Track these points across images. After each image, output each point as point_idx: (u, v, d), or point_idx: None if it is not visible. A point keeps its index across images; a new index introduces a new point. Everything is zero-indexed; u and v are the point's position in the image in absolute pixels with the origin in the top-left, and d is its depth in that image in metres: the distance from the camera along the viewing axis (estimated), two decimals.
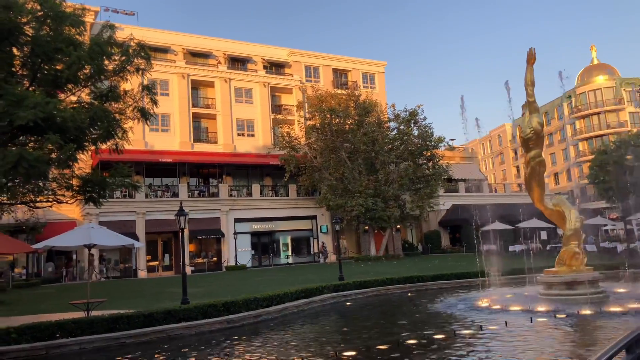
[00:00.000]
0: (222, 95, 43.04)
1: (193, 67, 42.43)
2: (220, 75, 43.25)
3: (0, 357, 10.36)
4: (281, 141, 41.06)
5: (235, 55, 46.10)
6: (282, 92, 47.09)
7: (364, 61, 52.01)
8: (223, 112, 42.78)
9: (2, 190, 20.14)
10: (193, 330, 12.52)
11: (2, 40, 18.53)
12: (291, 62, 48.00)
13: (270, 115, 44.81)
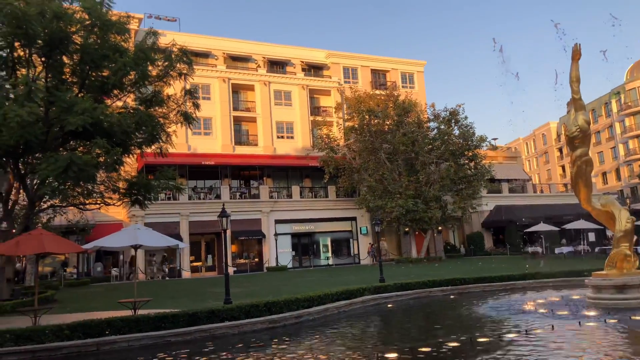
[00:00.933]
0: (262, 98, 43.55)
1: (233, 71, 43.12)
2: (260, 78, 43.78)
3: (55, 353, 10.80)
4: (320, 143, 41.22)
5: (274, 59, 46.58)
6: (321, 94, 47.26)
7: (403, 61, 51.60)
8: (263, 115, 43.28)
9: (54, 193, 21.01)
10: (236, 329, 12.70)
11: (54, 49, 19.35)
12: (329, 63, 48.11)
13: (309, 117, 45.04)
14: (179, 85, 25.20)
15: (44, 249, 13.59)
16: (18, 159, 20.03)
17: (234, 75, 42.99)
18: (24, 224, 20.52)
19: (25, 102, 16.72)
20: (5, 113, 16.17)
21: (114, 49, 20.19)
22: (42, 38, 18.66)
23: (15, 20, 17.26)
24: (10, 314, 15.97)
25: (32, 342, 10.97)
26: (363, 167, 39.41)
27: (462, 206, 39.14)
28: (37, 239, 13.66)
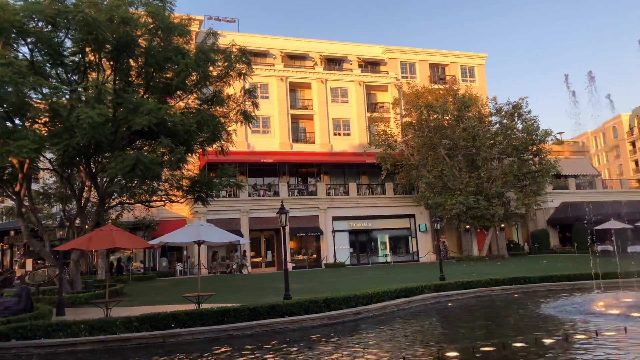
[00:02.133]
0: (319, 95, 43.74)
1: (291, 70, 43.55)
2: (317, 76, 43.98)
3: (125, 343, 11.32)
4: (377, 139, 40.93)
5: (330, 56, 46.66)
6: (378, 90, 46.91)
7: (463, 54, 50.35)
8: (320, 113, 43.47)
9: (122, 190, 22.01)
10: (296, 325, 12.85)
11: (121, 53, 20.23)
12: (386, 59, 47.65)
13: (366, 114, 44.82)
14: (238, 85, 25.74)
15: (114, 244, 14.26)
16: (89, 159, 21.08)
17: (291, 73, 43.41)
18: (95, 220, 21.59)
19: (96, 104, 17.57)
20: (78, 115, 17.06)
21: (176, 51, 20.85)
22: (111, 43, 19.56)
23: (87, 26, 18.16)
24: (84, 306, 16.86)
25: (104, 332, 11.55)
26: (421, 163, 38.81)
27: (526, 203, 37.79)
28: (107, 234, 14.35)
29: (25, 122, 19.62)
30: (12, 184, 21.33)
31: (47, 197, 28.20)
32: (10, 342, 11.12)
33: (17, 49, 19.88)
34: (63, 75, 21.23)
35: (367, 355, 9.54)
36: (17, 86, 17.21)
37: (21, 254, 35.73)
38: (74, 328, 11.51)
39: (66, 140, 17.87)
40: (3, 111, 17.88)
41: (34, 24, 18.97)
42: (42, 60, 20.40)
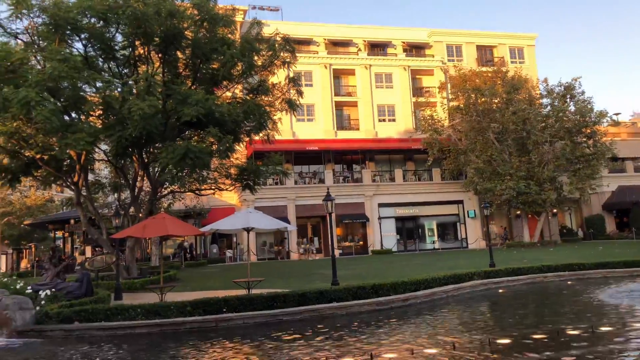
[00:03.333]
0: (363, 82, 43.41)
1: (334, 57, 43.38)
2: (361, 62, 43.64)
3: (179, 327, 11.73)
4: (423, 124, 40.33)
5: (374, 41, 46.15)
6: (423, 74, 46.11)
7: (511, 35, 48.74)
8: (364, 99, 43.17)
9: (173, 180, 22.65)
10: (344, 310, 12.96)
11: (169, 46, 20.70)
12: (431, 42, 46.72)
13: (412, 99, 44.18)
14: (282, 73, 25.86)
15: (167, 231, 14.75)
16: (142, 149, 21.77)
17: (335, 60, 43.23)
18: (149, 208, 22.35)
19: (146, 96, 18.10)
20: (129, 107, 17.63)
21: (222, 41, 21.15)
22: (159, 36, 20.04)
23: (136, 20, 18.68)
24: (140, 291, 17.53)
25: (159, 316, 12.01)
26: (470, 148, 38.00)
27: (580, 187, 36.45)
28: (161, 222, 14.85)
29: (80, 116, 20.42)
30: (70, 175, 22.33)
31: (103, 187, 29.38)
32: (73, 324, 11.74)
33: (71, 44, 20.64)
34: (115, 69, 21.94)
35: (417, 340, 9.53)
36: (73, 81, 17.94)
37: (81, 241, 37.51)
38: (131, 312, 12.02)
39: (119, 132, 18.52)
40: (61, 105, 18.66)
41: (87, 20, 19.63)
42: (95, 55, 21.15)
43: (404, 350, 8.81)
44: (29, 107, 16.42)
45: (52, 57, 17.49)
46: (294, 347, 9.49)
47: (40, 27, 19.37)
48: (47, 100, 17.36)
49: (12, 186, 23.59)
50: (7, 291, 12.71)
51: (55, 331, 11.66)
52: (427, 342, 9.30)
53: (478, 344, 8.99)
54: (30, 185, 36.68)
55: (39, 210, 38.41)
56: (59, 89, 18.18)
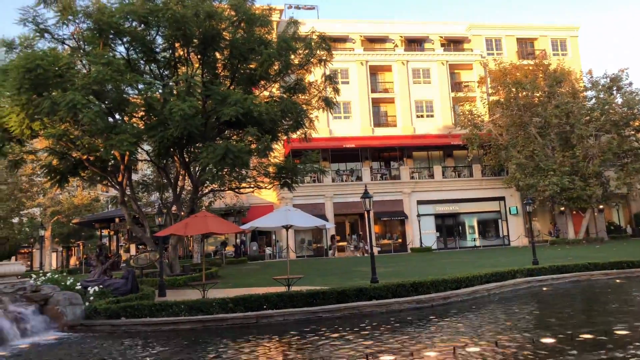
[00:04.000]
0: (400, 78, 43.03)
1: (371, 53, 43.16)
2: (398, 58, 43.27)
3: (221, 323, 11.94)
4: (462, 120, 39.67)
5: (411, 37, 45.66)
6: (462, 68, 45.35)
7: (553, 26, 47.36)
8: (401, 95, 42.80)
9: (213, 179, 23.04)
10: (383, 308, 12.91)
11: (207, 47, 21.06)
12: (470, 36, 45.88)
13: (450, 94, 43.51)
14: (319, 71, 25.93)
15: (208, 229, 15.02)
16: (183, 149, 22.25)
17: (372, 57, 43.00)
18: (190, 207, 22.82)
19: (186, 97, 18.47)
20: (170, 108, 18.04)
21: (259, 41, 21.37)
22: (197, 37, 20.42)
23: (175, 23, 19.09)
24: (183, 287, 17.93)
25: (202, 312, 12.26)
26: (511, 143, 37.16)
27: (628, 182, 35.15)
28: (202, 220, 15.14)
29: (124, 117, 21.03)
30: (115, 175, 23.02)
31: (146, 186, 30.18)
32: (120, 319, 12.12)
33: (114, 48, 21.26)
34: (156, 71, 22.48)
35: (459, 339, 9.41)
36: (117, 83, 18.50)
37: (125, 239, 38.63)
38: (175, 308, 12.31)
39: (161, 133, 18.98)
40: (105, 107, 19.26)
41: (129, 24, 20.17)
42: (136, 58, 21.73)
43: (445, 348, 8.71)
44: (75, 110, 17.02)
45: (97, 61, 18.06)
46: (334, 344, 9.53)
47: (85, 32, 20.03)
48: (92, 102, 17.96)
49: (61, 186, 24.50)
50: (59, 287, 13.23)
51: (103, 326, 12.07)
52: (469, 341, 9.17)
53: (522, 343, 8.80)
54: (77, 185, 37.98)
55: (85, 210, 39.77)
56: (103, 92, 18.76)
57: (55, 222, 38.69)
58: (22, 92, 17.35)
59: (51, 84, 17.83)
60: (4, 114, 19.01)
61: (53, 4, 19.48)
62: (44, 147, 23.32)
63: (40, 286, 12.96)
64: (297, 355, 8.96)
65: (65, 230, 42.44)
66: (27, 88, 17.25)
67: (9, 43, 19.63)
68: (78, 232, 45.31)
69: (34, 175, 34.38)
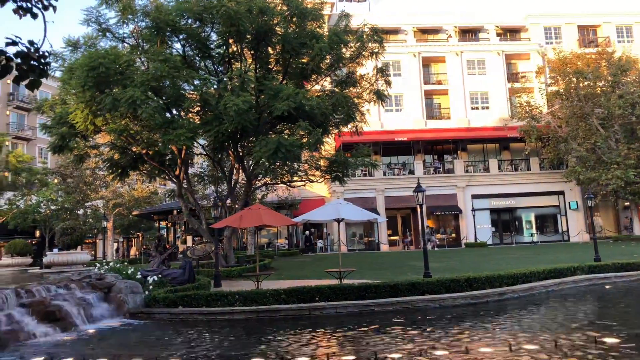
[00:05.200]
0: (454, 69, 42.10)
1: (423, 45, 42.45)
2: (451, 49, 42.35)
3: (274, 314, 12.15)
4: (519, 111, 38.37)
5: (465, 27, 44.55)
6: (519, 58, 43.84)
7: (618, 12, 44.94)
8: (455, 87, 41.88)
9: (266, 172, 23.39)
10: (437, 303, 12.75)
11: (260, 42, 21.32)
12: (527, 25, 44.26)
13: (506, 85, 42.19)
14: (370, 64, 25.75)
15: (262, 221, 15.28)
16: (237, 143, 22.68)
17: (425, 48, 42.28)
18: (244, 200, 23.27)
19: (240, 92, 18.79)
20: (225, 103, 18.41)
21: (310, 35, 21.43)
22: (250, 33, 20.70)
23: (229, 19, 19.42)
24: (237, 278, 18.34)
25: (255, 303, 12.51)
26: (571, 135, 35.67)
27: None
28: (256, 213, 15.42)
29: (180, 112, 21.65)
30: (172, 169, 23.77)
31: (202, 179, 31.00)
32: (177, 308, 12.54)
33: (171, 45, 21.89)
34: (211, 67, 22.99)
35: (514, 335, 9.18)
36: (173, 80, 19.05)
37: (182, 231, 39.89)
38: (230, 298, 12.63)
39: (216, 127, 19.40)
40: (163, 103, 19.89)
41: (185, 22, 20.72)
42: (192, 55, 22.30)
43: (500, 344, 8.52)
44: (135, 106, 17.66)
45: (155, 58, 18.66)
46: (387, 338, 9.50)
47: (143, 31, 20.72)
48: (151, 98, 18.59)
49: (122, 179, 25.54)
50: (120, 276, 13.84)
51: (162, 314, 12.54)
52: (526, 338, 8.92)
53: (583, 342, 8.48)
54: (137, 179, 39.49)
55: (145, 202, 41.29)
56: (161, 88, 19.38)
57: (116, 214, 40.40)
58: (86, 89, 18.16)
59: (112, 81, 18.55)
60: (70, 110, 19.98)
61: (114, 4, 20.26)
62: (106, 142, 24.40)
63: (104, 275, 13.61)
64: (350, 347, 8.99)
65: (126, 221, 44.25)
66: (90, 85, 18.03)
67: (74, 43, 20.60)
68: (138, 224, 47.14)
69: (97, 169, 36.00)
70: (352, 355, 8.23)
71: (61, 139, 21.06)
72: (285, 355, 8.38)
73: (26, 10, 6.14)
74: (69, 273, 15.46)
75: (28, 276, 18.03)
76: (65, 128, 20.60)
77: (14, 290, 11.50)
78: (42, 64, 5.99)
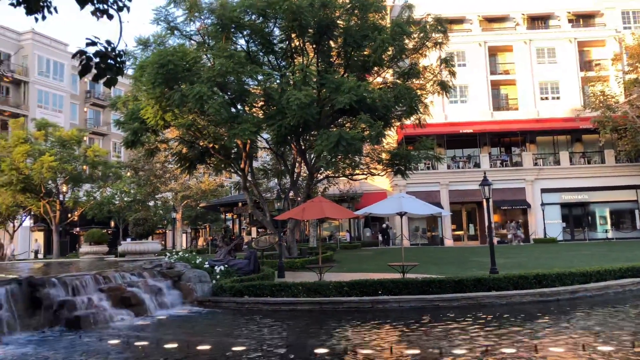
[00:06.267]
0: (522, 58, 40.46)
1: (489, 34, 41.08)
2: (519, 37, 40.71)
3: (337, 306, 12.23)
4: (593, 101, 36.35)
5: (535, 14, 42.63)
6: (592, 45, 41.50)
7: None
8: (523, 77, 40.26)
9: (328, 165, 23.51)
10: (504, 300, 12.37)
11: (322, 36, 21.41)
12: (602, 10, 41.76)
13: (578, 74, 40.09)
14: (434, 55, 25.24)
15: (324, 214, 15.41)
16: (299, 137, 22.94)
17: (491, 37, 40.89)
18: (306, 193, 23.53)
19: (302, 86, 18.98)
20: (287, 97, 18.66)
21: (372, 27, 21.29)
22: (312, 27, 20.81)
23: (292, 14, 19.62)
24: (300, 270, 18.58)
25: (319, 294, 12.64)
26: None
27: None
28: (318, 205, 15.56)
29: (245, 107, 22.13)
30: (237, 162, 24.38)
31: (266, 172, 31.63)
32: (243, 297, 12.89)
33: (235, 41, 22.39)
34: (274, 62, 23.33)
35: (587, 335, 8.76)
36: (238, 75, 19.50)
37: (247, 222, 40.91)
38: (294, 289, 12.82)
39: (279, 121, 19.71)
40: (228, 98, 20.41)
41: (248, 18, 21.12)
42: (256, 50, 22.71)
43: (572, 344, 8.16)
44: (202, 101, 18.23)
45: (220, 54, 19.16)
46: (452, 333, 9.34)
47: (209, 28, 21.32)
48: (216, 94, 19.13)
49: (190, 172, 26.50)
50: (189, 265, 14.38)
51: (228, 303, 12.92)
52: (600, 339, 8.50)
53: None
54: (204, 172, 40.82)
55: (211, 194, 42.68)
56: (226, 84, 19.89)
57: (185, 205, 41.99)
58: (156, 86, 18.93)
59: (180, 78, 19.22)
60: (141, 106, 20.91)
61: (181, 3, 20.96)
62: (175, 137, 25.35)
63: (173, 263, 14.19)
64: (414, 341, 8.91)
65: (194, 213, 45.91)
66: (160, 82, 18.77)
67: (145, 41, 21.50)
68: (204, 215, 48.78)
69: (166, 163, 37.51)
70: (417, 349, 8.15)
71: (133, 134, 22.07)
72: (349, 346, 8.42)
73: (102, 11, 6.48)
74: (142, 261, 16.27)
75: (104, 263, 19.09)
76: (137, 123, 21.57)
77: (93, 276, 12.22)
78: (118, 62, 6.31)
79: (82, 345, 8.97)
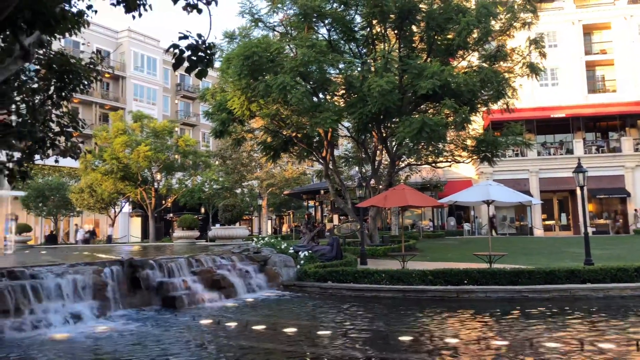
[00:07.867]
0: (621, 36, 37.47)
1: (585, 11, 38.38)
2: (619, 13, 37.70)
3: (420, 294, 12.14)
4: None
5: None
6: None
7: None
8: (622, 56, 37.31)
9: (410, 153, 23.19)
10: (600, 293, 11.70)
11: (404, 21, 21.04)
12: None
13: None
14: (522, 36, 24.03)
15: (406, 202, 15.26)
16: (380, 124, 22.78)
17: (585, 14, 38.20)
18: (388, 180, 23.38)
19: (384, 73, 18.78)
20: (369, 84, 18.56)
21: (456, 10, 20.61)
22: (394, 12, 20.48)
23: (373, 0, 19.43)
24: (382, 257, 18.56)
25: (401, 282, 12.60)
26: None
27: None
28: (401, 193, 15.42)
29: (326, 96, 22.30)
30: (319, 150, 24.67)
31: (347, 160, 31.78)
32: (327, 283, 13.13)
33: (317, 31, 22.54)
34: (355, 50, 23.26)
35: None
36: (320, 64, 19.63)
37: (329, 209, 41.37)
38: (376, 276, 12.87)
39: (360, 109, 19.66)
40: (310, 88, 20.65)
41: (330, 6, 21.17)
42: (337, 39, 22.73)
43: None
44: (285, 91, 18.57)
45: (302, 44, 19.38)
46: (542, 325, 8.99)
47: (292, 18, 21.62)
48: (299, 84, 19.40)
49: (274, 161, 27.21)
50: (275, 250, 14.84)
51: (312, 287, 13.23)
52: None
53: None
54: (287, 160, 41.70)
55: (294, 182, 43.55)
56: (308, 73, 20.11)
57: (269, 193, 43.19)
58: (241, 77, 19.53)
59: (264, 69, 19.67)
60: (228, 97, 21.68)
61: None
62: (260, 126, 26.07)
63: (260, 248, 14.72)
64: (502, 332, 8.67)
65: (278, 200, 47.10)
66: (245, 74, 19.34)
67: (230, 34, 22.22)
68: (288, 203, 49.89)
69: (252, 152, 38.73)
70: (505, 340, 7.93)
71: (221, 124, 22.95)
72: (434, 335, 8.36)
73: (192, 6, 6.83)
74: (230, 246, 16.99)
75: (196, 247, 20.14)
76: (225, 114, 22.40)
77: (187, 259, 12.96)
78: (208, 54, 6.62)
79: (179, 324, 9.57)
